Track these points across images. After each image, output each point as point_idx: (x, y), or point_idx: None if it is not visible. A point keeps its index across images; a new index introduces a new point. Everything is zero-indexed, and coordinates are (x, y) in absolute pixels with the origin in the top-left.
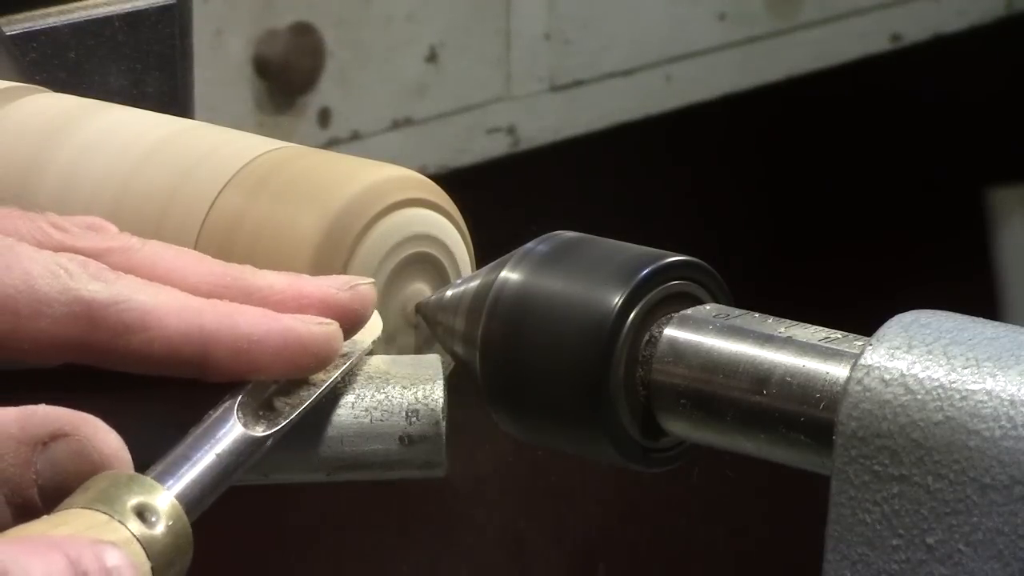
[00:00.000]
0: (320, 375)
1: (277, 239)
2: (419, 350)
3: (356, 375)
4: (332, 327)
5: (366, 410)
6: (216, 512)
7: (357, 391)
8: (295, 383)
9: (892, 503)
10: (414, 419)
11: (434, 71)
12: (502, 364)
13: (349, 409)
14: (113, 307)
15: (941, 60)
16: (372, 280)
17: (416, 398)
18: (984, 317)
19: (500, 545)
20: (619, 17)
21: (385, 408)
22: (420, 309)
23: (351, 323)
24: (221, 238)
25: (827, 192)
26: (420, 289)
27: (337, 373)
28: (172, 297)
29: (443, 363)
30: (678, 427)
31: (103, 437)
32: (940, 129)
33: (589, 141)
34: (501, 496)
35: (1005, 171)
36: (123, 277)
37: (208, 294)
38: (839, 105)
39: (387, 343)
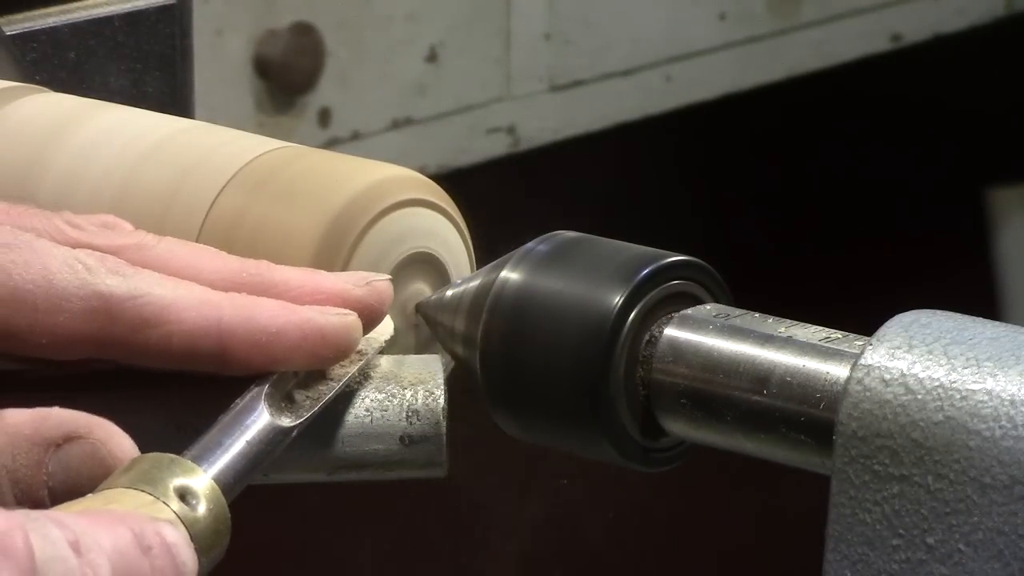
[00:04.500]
0: (337, 369)
1: (277, 239)
2: (419, 350)
3: (368, 373)
4: (351, 317)
5: (367, 410)
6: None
7: (357, 391)
8: (313, 377)
9: (892, 503)
10: (414, 419)
11: (434, 71)
12: (502, 364)
13: (350, 409)
14: (131, 301)
15: (941, 60)
16: (389, 276)
17: (417, 398)
18: (984, 317)
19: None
20: (619, 17)
21: (385, 408)
22: (420, 309)
23: (368, 318)
24: (221, 238)
25: (826, 192)
26: (420, 289)
27: (354, 367)
28: (190, 291)
29: (443, 363)
30: (678, 427)
31: (117, 441)
32: (940, 129)
33: (589, 141)
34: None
35: (1005, 171)
36: (141, 272)
37: (224, 290)
38: (839, 105)
39: (387, 343)
